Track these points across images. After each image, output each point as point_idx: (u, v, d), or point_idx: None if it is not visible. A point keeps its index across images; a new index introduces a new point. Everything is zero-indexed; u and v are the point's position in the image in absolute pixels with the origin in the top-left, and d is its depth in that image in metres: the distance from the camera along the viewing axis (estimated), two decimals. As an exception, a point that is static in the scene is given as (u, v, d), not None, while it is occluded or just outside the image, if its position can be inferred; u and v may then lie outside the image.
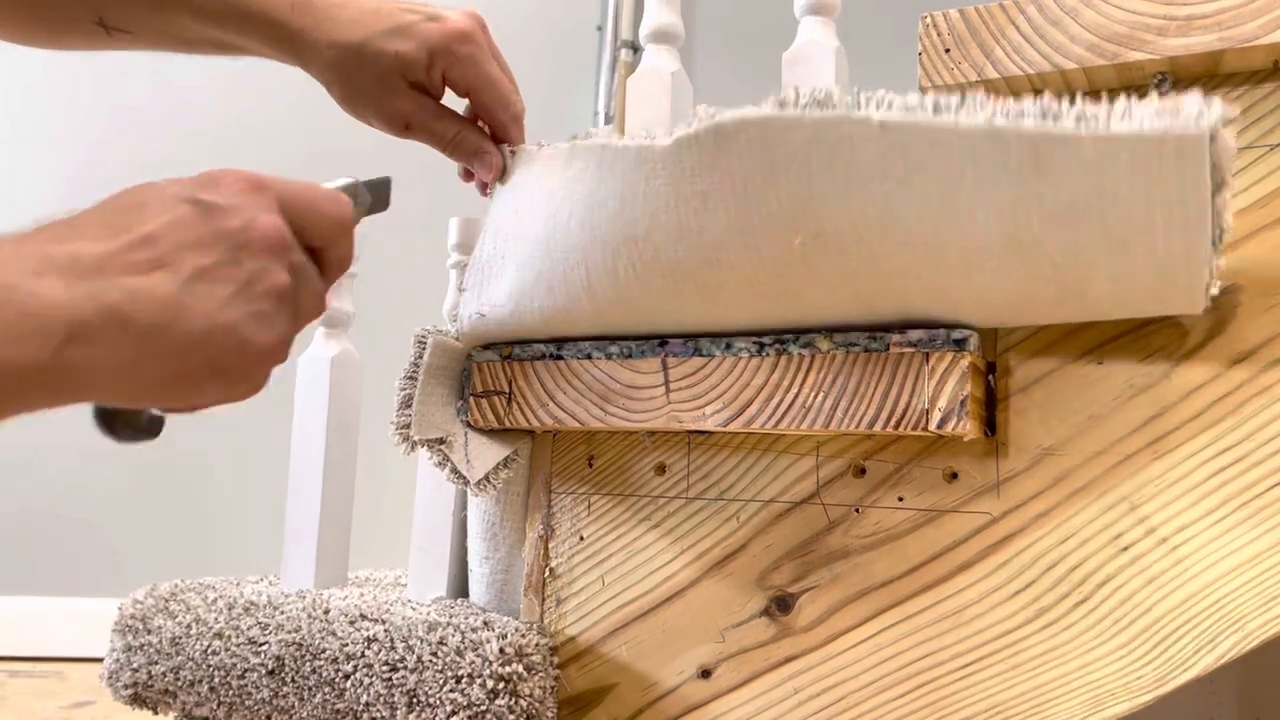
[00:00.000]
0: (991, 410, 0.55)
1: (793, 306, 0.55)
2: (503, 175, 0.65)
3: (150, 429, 0.46)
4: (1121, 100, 0.43)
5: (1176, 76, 0.53)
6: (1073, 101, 0.44)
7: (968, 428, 0.51)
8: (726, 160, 0.51)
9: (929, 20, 0.57)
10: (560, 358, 0.63)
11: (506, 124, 0.65)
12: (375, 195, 0.56)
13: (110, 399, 0.38)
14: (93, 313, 0.34)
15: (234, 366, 0.40)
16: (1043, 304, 0.50)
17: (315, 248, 0.45)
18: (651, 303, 0.58)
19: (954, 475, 0.56)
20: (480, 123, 0.67)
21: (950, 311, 0.52)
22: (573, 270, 0.59)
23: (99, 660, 1.87)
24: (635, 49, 2.13)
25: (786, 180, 0.50)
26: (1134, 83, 0.55)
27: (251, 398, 0.43)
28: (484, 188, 0.68)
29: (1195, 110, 0.42)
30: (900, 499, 0.57)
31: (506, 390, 0.64)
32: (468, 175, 0.69)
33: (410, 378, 0.64)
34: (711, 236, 0.53)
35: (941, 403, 0.52)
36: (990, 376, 0.55)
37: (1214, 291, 0.47)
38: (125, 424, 0.44)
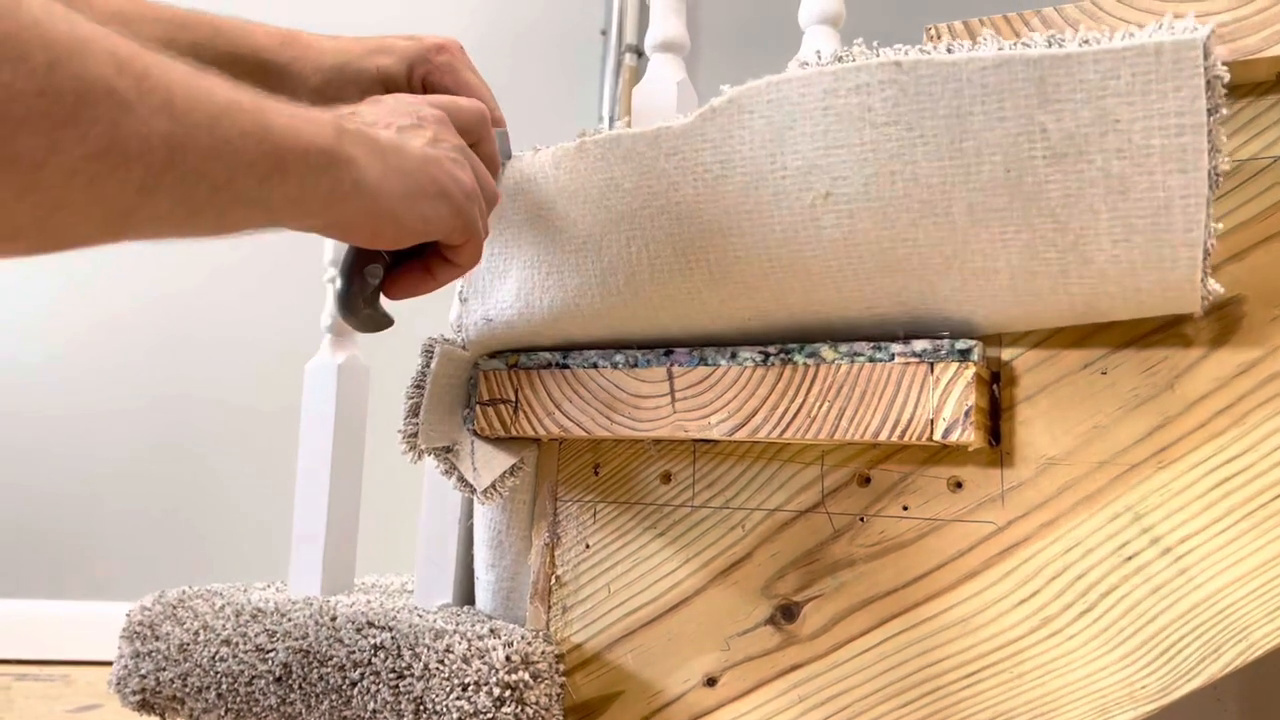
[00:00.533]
0: (996, 420, 0.55)
1: (799, 291, 0.55)
2: None
3: (386, 319, 0.56)
4: (1123, 27, 0.47)
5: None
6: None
7: (972, 437, 0.52)
8: (745, 125, 0.54)
9: (933, 31, 0.57)
10: (566, 366, 0.63)
11: None
12: (506, 149, 0.64)
13: (372, 214, 0.47)
14: (349, 130, 0.46)
15: (451, 189, 0.50)
16: (1045, 279, 0.51)
17: (469, 143, 0.55)
18: (661, 291, 0.58)
19: (959, 484, 0.56)
20: None
21: (954, 294, 0.53)
22: (585, 260, 0.60)
23: (105, 664, 1.87)
24: (639, 54, 2.13)
25: (802, 136, 0.53)
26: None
27: (473, 263, 0.54)
28: None
29: (1189, 24, 0.46)
30: (905, 508, 0.57)
31: (513, 399, 0.64)
32: None
33: (418, 386, 0.64)
34: (726, 205, 0.55)
35: (946, 413, 0.52)
36: (995, 386, 0.55)
37: (1214, 287, 0.48)
38: (367, 301, 0.54)
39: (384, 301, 0.57)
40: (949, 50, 0.50)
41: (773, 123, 0.54)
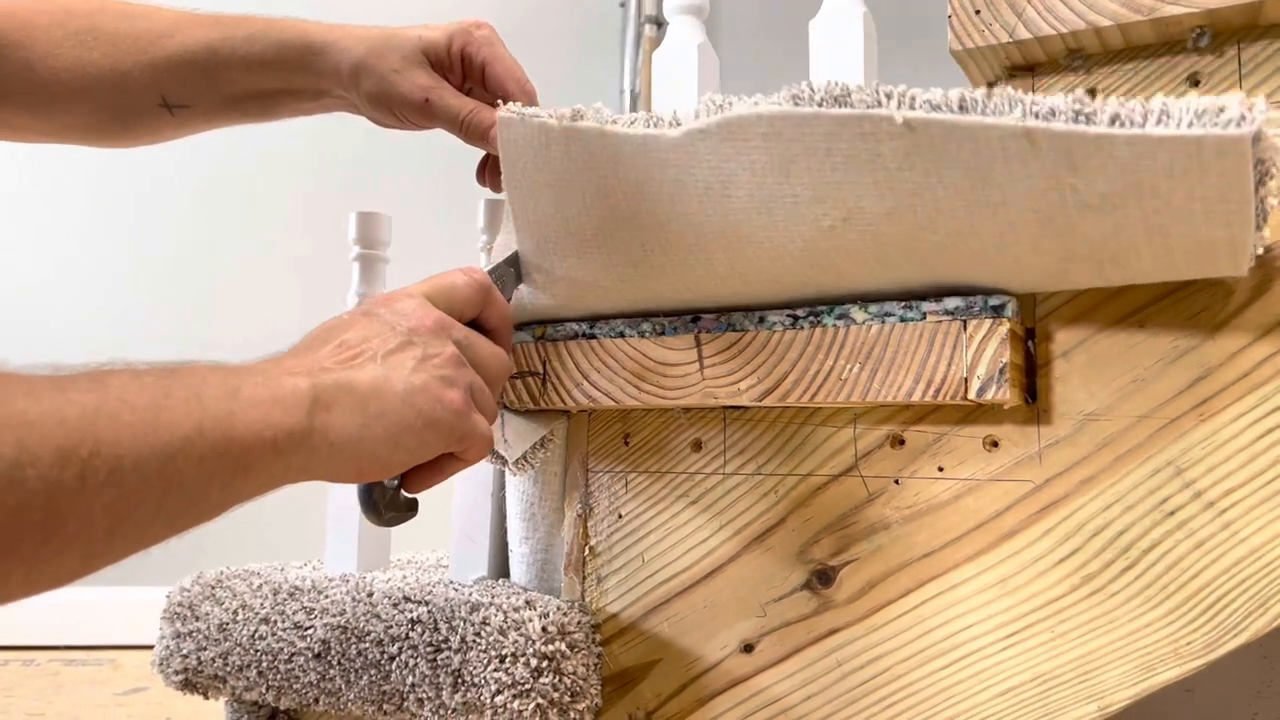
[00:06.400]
0: (1032, 376, 0.54)
1: (825, 276, 0.54)
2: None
3: (410, 506, 0.56)
4: (1158, 99, 0.43)
5: (1215, 29, 0.52)
6: (1106, 97, 0.44)
7: (1008, 395, 0.51)
8: (743, 153, 0.51)
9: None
10: (593, 336, 0.63)
11: (516, 95, 0.67)
12: (517, 269, 0.63)
13: (354, 460, 0.46)
14: (326, 387, 0.45)
15: (438, 415, 0.49)
16: (1081, 275, 0.50)
17: (473, 319, 0.56)
18: (684, 279, 0.58)
19: (995, 443, 0.55)
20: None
21: (987, 280, 0.52)
22: (600, 251, 0.59)
23: (151, 648, 1.90)
24: (659, 24, 2.11)
25: (808, 170, 0.50)
26: (1171, 38, 0.53)
27: (481, 456, 0.54)
28: (496, 181, 0.68)
29: (1237, 114, 0.40)
30: (940, 469, 0.56)
31: (541, 371, 0.64)
32: (481, 174, 0.70)
33: (445, 361, 0.64)
34: (737, 219, 0.53)
35: (980, 371, 0.51)
36: (1030, 342, 0.54)
37: (1259, 249, 0.46)
38: (388, 505, 0.55)
39: None
40: (961, 107, 0.46)
41: (774, 154, 0.50)
